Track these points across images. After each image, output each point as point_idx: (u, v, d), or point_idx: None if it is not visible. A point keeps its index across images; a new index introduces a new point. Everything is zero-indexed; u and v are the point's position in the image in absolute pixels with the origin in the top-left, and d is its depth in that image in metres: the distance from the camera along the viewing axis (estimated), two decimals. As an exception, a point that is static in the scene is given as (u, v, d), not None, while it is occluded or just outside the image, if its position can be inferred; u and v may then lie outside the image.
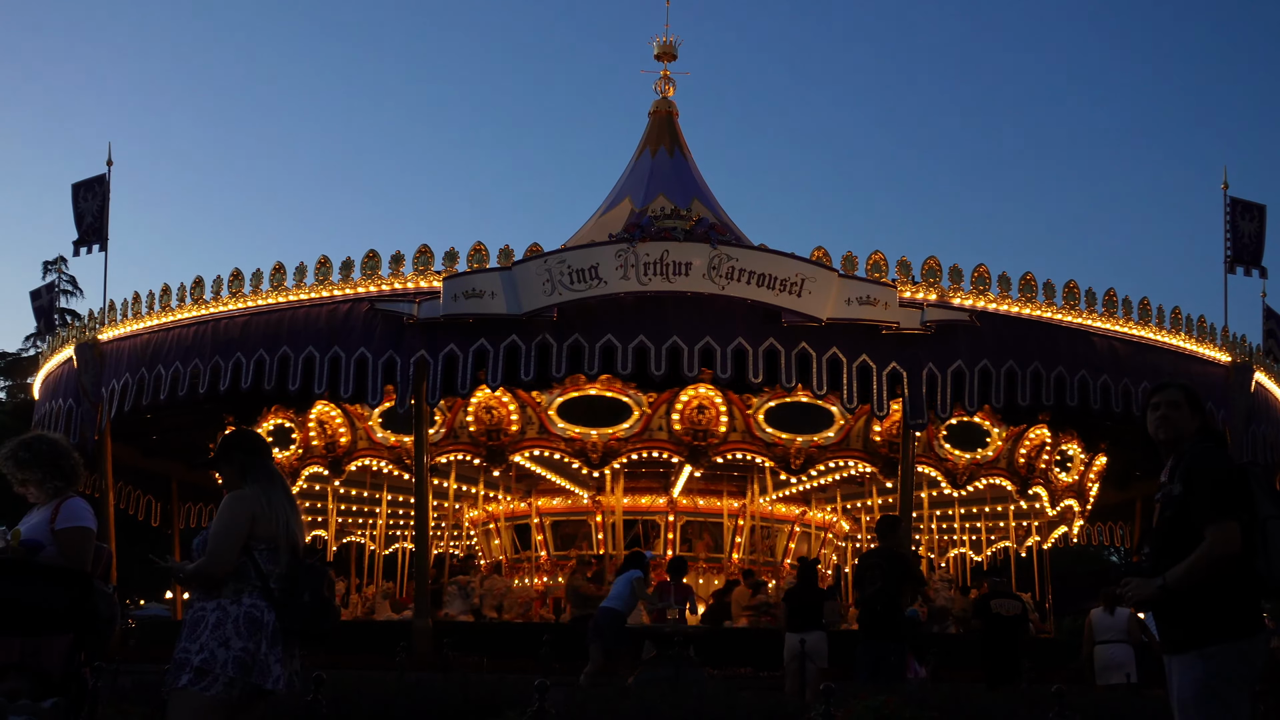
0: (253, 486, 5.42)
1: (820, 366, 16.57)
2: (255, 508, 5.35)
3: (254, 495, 5.38)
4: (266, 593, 5.26)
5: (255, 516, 5.33)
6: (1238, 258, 20.68)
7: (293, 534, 5.42)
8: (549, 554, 22.02)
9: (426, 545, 18.36)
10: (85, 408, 19.29)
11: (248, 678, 5.13)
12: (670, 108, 25.59)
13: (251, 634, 5.17)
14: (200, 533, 5.52)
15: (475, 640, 16.39)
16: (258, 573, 5.27)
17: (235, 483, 5.49)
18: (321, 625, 5.35)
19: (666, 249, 16.63)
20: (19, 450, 5.78)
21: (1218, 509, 4.46)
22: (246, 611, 5.21)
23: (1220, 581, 4.45)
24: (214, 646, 5.13)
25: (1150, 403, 4.86)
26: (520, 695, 9.10)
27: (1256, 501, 4.38)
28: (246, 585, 5.25)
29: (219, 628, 5.16)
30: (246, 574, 5.26)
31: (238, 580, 5.25)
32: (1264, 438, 20.16)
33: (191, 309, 18.33)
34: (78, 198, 21.07)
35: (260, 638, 5.19)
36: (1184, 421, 4.77)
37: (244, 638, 5.16)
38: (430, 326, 16.64)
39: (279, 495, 5.46)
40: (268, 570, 5.29)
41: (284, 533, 5.37)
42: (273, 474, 5.57)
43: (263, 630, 5.20)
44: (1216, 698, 4.41)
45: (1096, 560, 43.12)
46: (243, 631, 5.17)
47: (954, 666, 15.17)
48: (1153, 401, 4.85)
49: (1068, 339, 17.71)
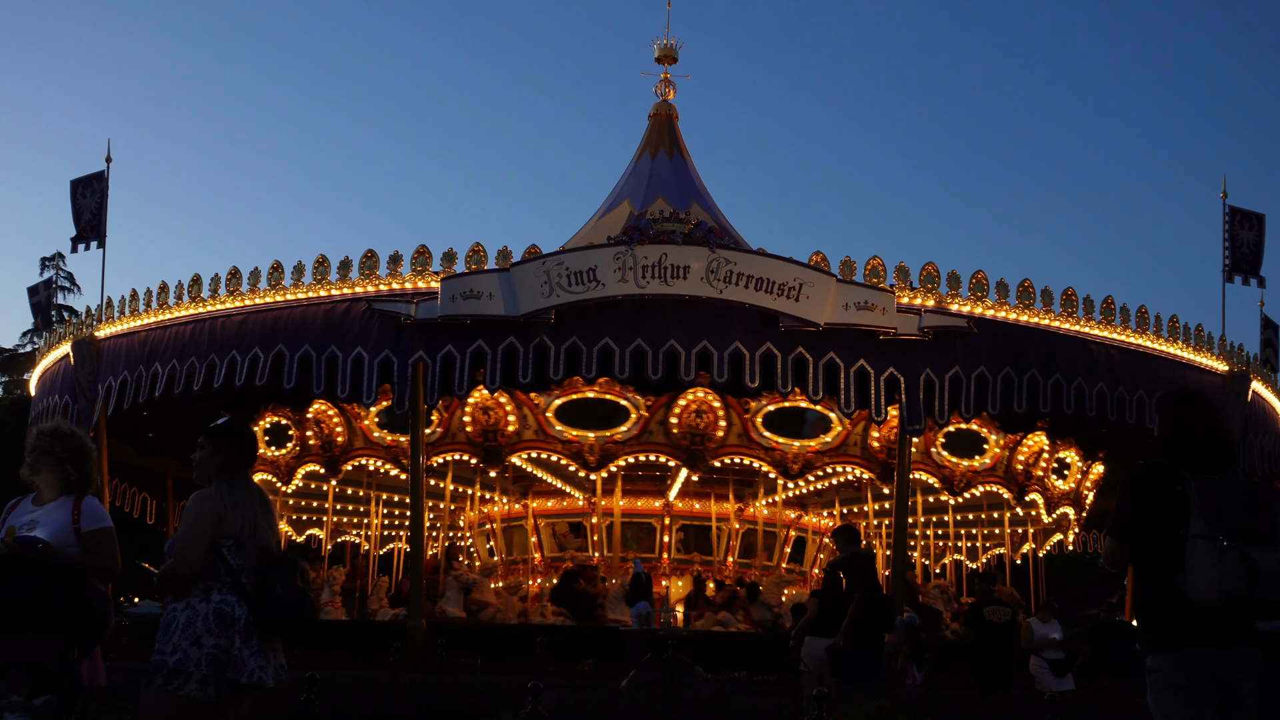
0: (220, 485, 5.41)
1: (817, 371, 16.58)
2: (220, 506, 5.33)
3: (219, 493, 5.37)
4: (237, 588, 5.23)
5: (220, 515, 5.31)
6: (1236, 267, 20.67)
7: (260, 531, 5.38)
8: (543, 556, 22.02)
9: (421, 545, 18.35)
10: (82, 404, 19.29)
11: (222, 674, 5.10)
12: (670, 111, 25.61)
13: (223, 630, 5.15)
14: (172, 537, 5.51)
15: (469, 641, 16.40)
16: (227, 569, 5.24)
17: (208, 472, 5.48)
18: (298, 616, 5.30)
19: (665, 252, 16.64)
20: (63, 440, 5.68)
21: (1112, 525, 4.78)
22: (216, 608, 5.18)
23: (1157, 596, 4.59)
24: (186, 646, 5.11)
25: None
26: (514, 696, 9.10)
27: (1191, 519, 4.42)
28: (216, 582, 5.23)
29: (189, 626, 5.14)
30: (215, 571, 5.25)
31: (206, 578, 5.23)
32: (1261, 447, 20.18)
33: (189, 307, 18.33)
34: (76, 194, 21.06)
35: (232, 633, 5.16)
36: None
37: (215, 634, 5.13)
38: (428, 327, 16.64)
39: (246, 494, 5.44)
40: (237, 566, 5.27)
41: (249, 529, 5.34)
42: (248, 477, 5.57)
43: (234, 625, 5.18)
44: (1159, 707, 4.56)
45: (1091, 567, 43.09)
46: (213, 628, 5.14)
47: (949, 672, 15.19)
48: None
49: (1065, 346, 17.72)
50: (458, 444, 19.59)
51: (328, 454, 20.41)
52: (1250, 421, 19.81)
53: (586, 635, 17.50)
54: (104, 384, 19.04)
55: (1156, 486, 4.64)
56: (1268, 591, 4.33)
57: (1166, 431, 4.83)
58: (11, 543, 5.35)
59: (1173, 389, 5.73)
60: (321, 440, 20.41)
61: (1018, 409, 17.38)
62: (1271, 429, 21.17)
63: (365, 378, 16.69)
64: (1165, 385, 17.54)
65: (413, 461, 17.60)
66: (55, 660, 5.34)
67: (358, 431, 20.19)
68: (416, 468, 17.53)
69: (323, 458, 20.44)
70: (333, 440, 20.36)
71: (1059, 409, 17.53)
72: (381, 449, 20.11)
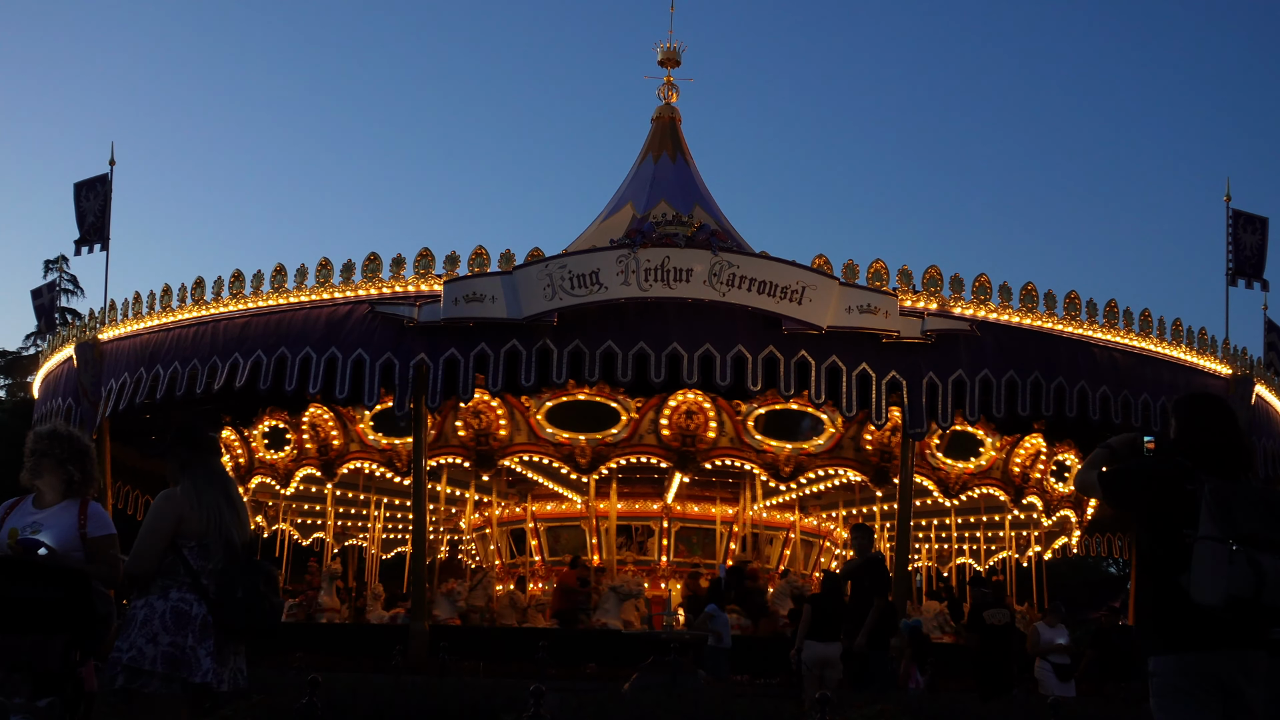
0: (185, 484, 5.43)
1: (819, 374, 16.56)
2: (182, 507, 5.36)
3: (183, 494, 5.40)
4: (197, 588, 5.25)
5: (183, 516, 5.34)
6: (1239, 270, 20.64)
7: (228, 531, 5.39)
8: (543, 559, 22.01)
9: (424, 548, 18.34)
10: (84, 407, 19.29)
11: (175, 672, 5.12)
12: (673, 114, 25.60)
13: (179, 628, 5.17)
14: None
15: (471, 644, 16.38)
16: (186, 569, 5.27)
17: (175, 476, 5.51)
18: (258, 621, 5.29)
19: (668, 255, 16.63)
20: (62, 442, 5.67)
21: (1110, 474, 4.83)
22: (173, 606, 5.20)
23: (1160, 597, 4.57)
24: (142, 643, 5.13)
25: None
26: (516, 700, 9.08)
27: (1200, 521, 4.40)
28: (174, 581, 5.26)
29: (146, 624, 5.17)
30: (175, 571, 5.28)
31: (165, 577, 5.27)
32: (1265, 450, 20.14)
33: (192, 309, 18.34)
34: (80, 197, 21.08)
35: (188, 631, 5.18)
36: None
37: (171, 632, 5.15)
38: (430, 330, 16.63)
39: (214, 493, 5.45)
40: (198, 567, 5.29)
41: (216, 530, 5.36)
42: (213, 472, 5.57)
43: (190, 624, 5.19)
44: (1162, 711, 4.54)
45: (1094, 571, 43.08)
46: (169, 626, 5.16)
47: (951, 676, 15.17)
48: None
49: (1068, 349, 17.70)
50: (450, 447, 19.62)
51: (323, 457, 20.41)
52: (1254, 425, 19.76)
53: (588, 639, 17.48)
54: (106, 386, 19.04)
55: (1171, 481, 4.62)
56: (1273, 598, 4.32)
57: (1183, 433, 4.80)
58: (14, 545, 5.34)
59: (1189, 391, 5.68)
60: (318, 444, 20.41)
61: (1021, 412, 17.35)
62: (1275, 432, 21.13)
63: (365, 379, 16.69)
64: (1169, 389, 17.53)
65: (415, 465, 17.59)
66: (57, 662, 5.34)
67: (353, 435, 20.18)
68: (419, 471, 17.52)
69: (319, 461, 20.45)
70: (328, 444, 20.37)
71: (1062, 412, 17.48)
72: (376, 452, 20.09)
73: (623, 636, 17.29)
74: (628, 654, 15.08)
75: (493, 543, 23.15)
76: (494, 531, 22.95)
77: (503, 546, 22.98)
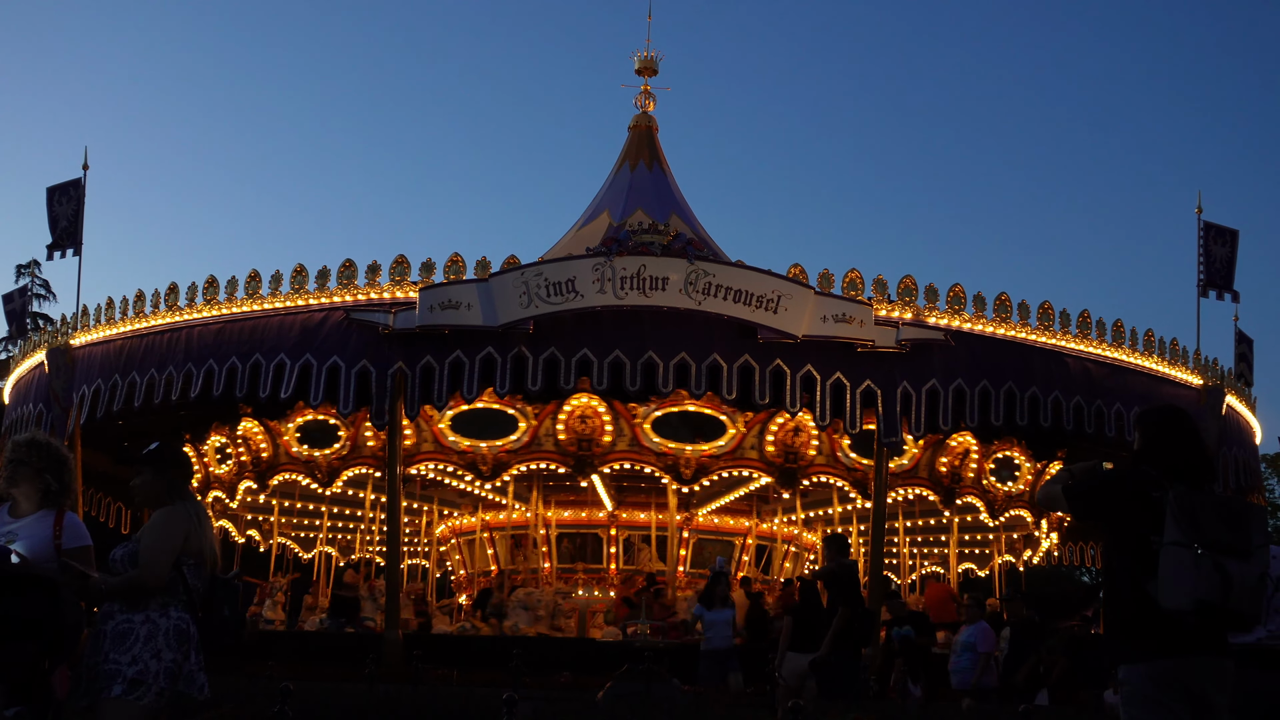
0: (182, 504, 5.56)
1: (795, 383, 16.59)
2: (188, 524, 5.48)
3: (186, 512, 5.52)
4: (190, 606, 5.41)
5: (188, 533, 5.47)
6: (1210, 281, 20.81)
7: (212, 550, 5.59)
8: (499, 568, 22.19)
9: (398, 557, 18.28)
10: (56, 413, 19.14)
11: (175, 687, 5.28)
12: (650, 123, 25.64)
13: (180, 646, 5.33)
14: (120, 545, 5.54)
15: (445, 653, 16.33)
16: (185, 587, 5.40)
17: (156, 495, 5.58)
18: (236, 640, 5.58)
19: (644, 264, 16.65)
20: (41, 450, 5.66)
21: (1074, 484, 4.93)
22: (175, 624, 5.34)
23: (1128, 605, 4.62)
24: (147, 659, 5.23)
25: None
26: (489, 709, 9.07)
27: (1166, 527, 4.45)
28: (174, 599, 5.38)
29: (150, 640, 5.27)
30: (175, 588, 5.39)
31: (165, 594, 5.37)
32: (1235, 460, 20.29)
33: (165, 315, 18.23)
34: (52, 201, 20.93)
35: (188, 649, 5.36)
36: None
37: (173, 650, 5.30)
38: (406, 337, 16.60)
39: (203, 513, 5.65)
40: (193, 585, 5.43)
41: (208, 549, 5.54)
42: (191, 493, 5.78)
43: (189, 642, 5.37)
44: (1131, 718, 4.59)
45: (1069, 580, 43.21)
46: (172, 644, 5.31)
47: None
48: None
49: (1042, 360, 17.79)
50: (362, 458, 19.64)
51: (256, 469, 20.36)
52: (1225, 435, 19.93)
53: (562, 647, 17.44)
54: (78, 392, 18.90)
55: (1136, 488, 4.68)
56: (1240, 603, 4.37)
57: (1147, 446, 4.87)
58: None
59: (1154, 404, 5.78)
60: (251, 456, 20.36)
61: (995, 422, 17.42)
62: (1245, 442, 21.29)
63: (340, 386, 16.64)
64: (1141, 399, 17.64)
65: (390, 473, 17.50)
66: (26, 671, 5.31)
67: (280, 447, 20.08)
68: (394, 479, 17.42)
69: (254, 473, 20.40)
70: (259, 456, 20.30)
71: (1036, 422, 17.56)
72: (300, 463, 19.98)
73: (598, 645, 17.26)
74: (603, 662, 15.07)
75: (458, 552, 23.23)
76: (460, 541, 23.04)
77: (465, 556, 23.10)
